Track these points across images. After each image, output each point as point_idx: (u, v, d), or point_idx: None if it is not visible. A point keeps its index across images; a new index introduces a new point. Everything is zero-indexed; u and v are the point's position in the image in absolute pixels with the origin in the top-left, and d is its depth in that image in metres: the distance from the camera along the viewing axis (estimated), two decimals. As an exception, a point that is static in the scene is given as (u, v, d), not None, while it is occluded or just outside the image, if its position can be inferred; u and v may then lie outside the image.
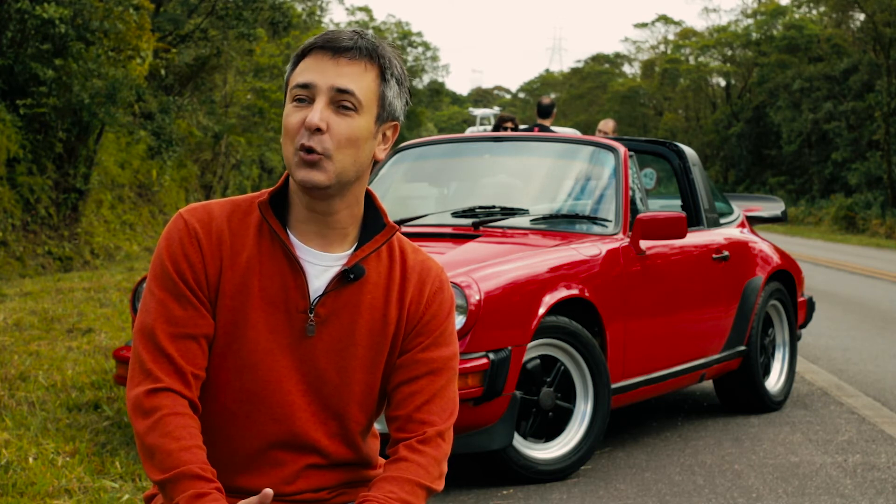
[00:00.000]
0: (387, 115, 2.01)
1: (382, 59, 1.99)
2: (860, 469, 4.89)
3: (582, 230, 5.37)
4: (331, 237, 2.02)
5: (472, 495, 4.49)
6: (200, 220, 2.01)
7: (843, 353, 8.48)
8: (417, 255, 2.11)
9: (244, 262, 2.00)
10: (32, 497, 4.01)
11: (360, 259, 2.02)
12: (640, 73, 69.38)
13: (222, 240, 2.00)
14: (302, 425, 2.02)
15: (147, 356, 1.96)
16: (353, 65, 1.96)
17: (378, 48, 1.99)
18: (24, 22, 13.11)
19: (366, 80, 1.97)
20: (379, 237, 2.05)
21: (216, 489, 1.89)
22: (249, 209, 2.04)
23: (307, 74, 1.96)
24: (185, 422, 1.93)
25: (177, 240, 2.00)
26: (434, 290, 2.08)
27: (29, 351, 6.92)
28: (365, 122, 1.97)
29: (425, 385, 2.05)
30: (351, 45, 1.97)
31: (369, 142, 1.99)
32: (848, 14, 43.14)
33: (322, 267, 2.02)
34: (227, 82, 24.99)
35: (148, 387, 1.94)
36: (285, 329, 2.01)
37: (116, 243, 16.22)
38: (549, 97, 11.31)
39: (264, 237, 2.01)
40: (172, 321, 1.97)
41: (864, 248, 24.90)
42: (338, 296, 2.02)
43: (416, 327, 2.06)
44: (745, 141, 49.03)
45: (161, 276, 1.99)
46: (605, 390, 4.83)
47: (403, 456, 2.01)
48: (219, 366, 2.01)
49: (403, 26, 62.61)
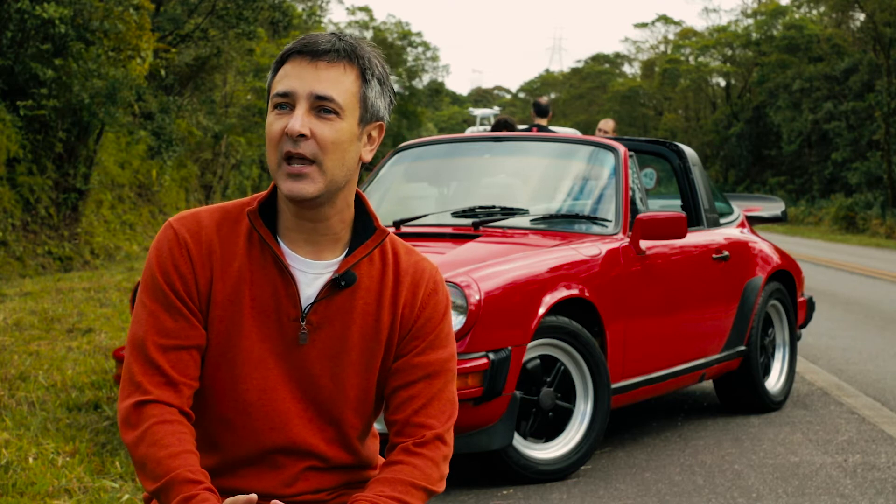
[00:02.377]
0: (370, 116, 1.99)
1: (362, 60, 1.97)
2: (860, 469, 4.89)
3: (582, 230, 5.37)
4: (322, 243, 2.01)
5: (472, 495, 4.49)
6: (190, 229, 1.99)
7: (843, 353, 8.48)
8: (411, 256, 2.09)
9: (235, 271, 1.99)
10: (32, 497, 4.01)
11: (350, 265, 2.01)
12: (640, 73, 69.39)
13: (212, 249, 1.99)
14: (299, 432, 2.02)
15: (137, 368, 1.95)
16: (331, 68, 1.94)
17: (356, 49, 1.97)
18: (24, 22, 13.11)
19: (345, 83, 1.95)
20: (370, 242, 2.03)
21: (206, 489, 1.89)
22: (239, 216, 2.02)
23: (286, 81, 1.94)
24: (173, 429, 1.92)
25: (166, 250, 1.98)
26: (428, 293, 2.07)
27: (29, 351, 6.92)
28: (348, 125, 1.95)
29: (422, 389, 2.04)
30: (329, 47, 1.95)
31: (354, 144, 1.97)
32: (848, 14, 43.14)
33: (313, 274, 2.01)
34: (227, 82, 24.98)
35: (136, 399, 1.93)
36: (277, 338, 2.00)
37: (116, 243, 16.22)
38: (546, 97, 11.38)
39: (254, 246, 2.00)
40: (163, 333, 1.96)
41: (865, 248, 24.90)
42: (329, 303, 2.01)
43: (411, 331, 2.05)
44: (745, 141, 49.03)
45: (152, 287, 1.98)
46: (605, 390, 4.83)
47: (398, 459, 2.01)
48: (213, 376, 2.00)
49: (403, 26, 62.57)
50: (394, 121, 51.36)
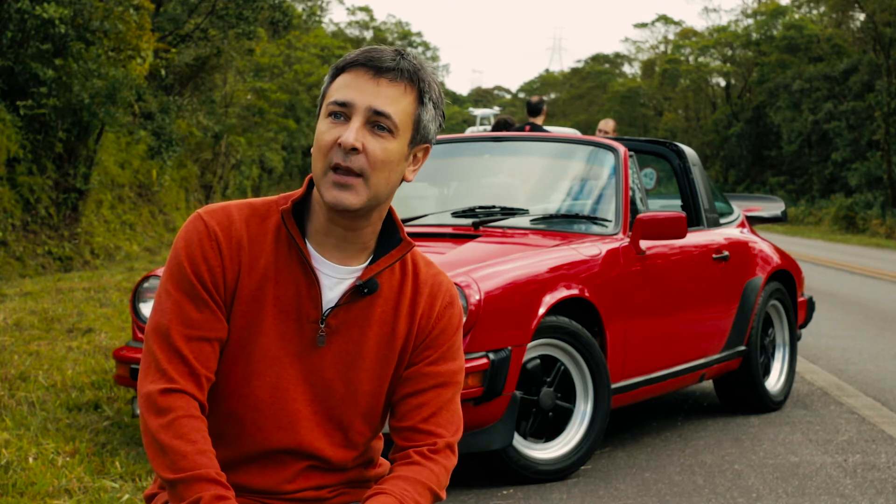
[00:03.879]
0: (420, 138, 2.00)
1: (422, 83, 1.98)
2: (860, 469, 4.89)
3: (582, 230, 5.37)
4: (349, 251, 2.02)
5: (472, 495, 4.49)
6: (220, 222, 2.00)
7: (843, 353, 8.48)
8: (430, 269, 2.11)
9: (261, 268, 1.99)
10: (32, 497, 4.01)
11: (374, 273, 2.02)
12: (640, 73, 69.41)
13: (241, 244, 1.99)
14: (306, 434, 2.03)
15: (162, 355, 1.95)
16: (393, 86, 1.94)
17: (419, 71, 1.97)
18: (24, 22, 13.11)
19: (403, 103, 1.95)
20: (395, 252, 2.04)
21: (233, 496, 1.91)
22: (267, 213, 2.03)
23: (346, 92, 1.93)
24: (198, 425, 1.93)
25: (196, 241, 1.98)
26: (444, 305, 2.09)
27: (29, 351, 6.92)
28: (399, 144, 1.96)
29: (432, 398, 2.06)
30: (393, 65, 1.95)
31: (401, 164, 1.98)
32: (848, 14, 43.16)
33: (337, 279, 2.02)
34: (227, 82, 24.99)
35: (163, 385, 1.93)
36: (295, 338, 2.01)
37: (116, 243, 16.22)
38: (538, 96, 11.48)
39: (282, 244, 2.01)
40: (188, 323, 1.96)
41: (864, 248, 24.91)
42: (349, 308, 2.02)
43: (426, 341, 2.07)
44: (745, 141, 49.05)
45: (178, 276, 1.98)
46: (605, 390, 4.83)
47: (417, 461, 2.02)
48: (228, 370, 2.01)
49: (403, 26, 62.57)
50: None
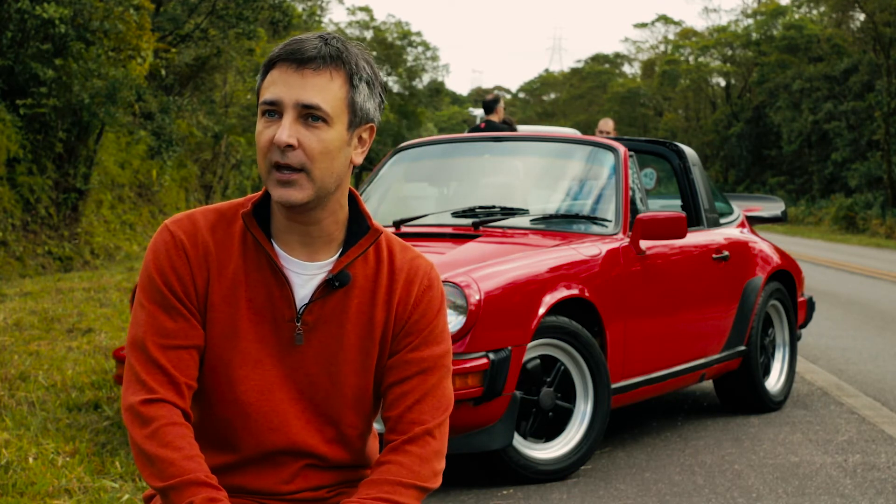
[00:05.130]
0: (360, 120, 1.98)
1: (348, 65, 1.95)
2: (860, 469, 4.89)
3: (582, 230, 5.37)
4: (315, 244, 2.01)
5: (472, 495, 4.49)
6: (186, 231, 2.00)
7: (843, 353, 8.48)
8: (406, 253, 2.08)
9: (231, 273, 2.00)
10: (32, 497, 4.01)
11: (344, 265, 2.01)
12: (640, 74, 69.41)
13: (208, 251, 2.00)
14: (298, 433, 2.02)
15: (140, 367, 1.96)
16: (318, 76, 1.92)
17: (343, 53, 1.95)
18: (24, 22, 13.11)
19: (333, 90, 1.93)
20: (363, 241, 2.03)
21: (225, 497, 1.91)
22: (233, 218, 2.03)
23: (273, 90, 1.93)
24: (182, 431, 1.93)
25: (163, 252, 1.99)
26: (423, 289, 2.06)
27: (29, 351, 6.92)
28: (336, 132, 1.94)
29: (416, 385, 2.03)
30: (315, 54, 1.93)
31: (344, 150, 1.96)
32: (848, 14, 43.14)
33: (307, 276, 2.01)
34: (227, 82, 24.98)
35: (143, 396, 1.94)
36: (273, 339, 2.01)
37: (116, 243, 16.22)
38: (492, 93, 11.78)
39: (249, 248, 2.01)
40: (163, 333, 1.96)
41: (864, 248, 24.90)
42: (324, 303, 2.01)
43: (405, 327, 2.05)
44: (745, 141, 49.04)
45: (149, 288, 1.98)
46: (605, 390, 4.83)
47: (386, 458, 2.01)
48: (213, 377, 2.01)
49: (403, 26, 62.53)
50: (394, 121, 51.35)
